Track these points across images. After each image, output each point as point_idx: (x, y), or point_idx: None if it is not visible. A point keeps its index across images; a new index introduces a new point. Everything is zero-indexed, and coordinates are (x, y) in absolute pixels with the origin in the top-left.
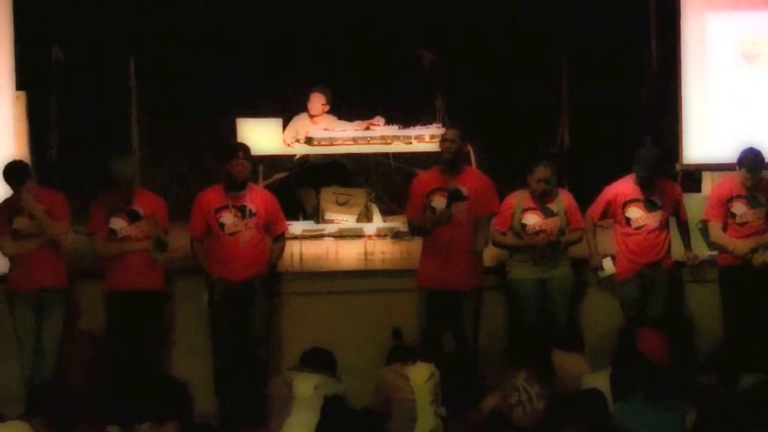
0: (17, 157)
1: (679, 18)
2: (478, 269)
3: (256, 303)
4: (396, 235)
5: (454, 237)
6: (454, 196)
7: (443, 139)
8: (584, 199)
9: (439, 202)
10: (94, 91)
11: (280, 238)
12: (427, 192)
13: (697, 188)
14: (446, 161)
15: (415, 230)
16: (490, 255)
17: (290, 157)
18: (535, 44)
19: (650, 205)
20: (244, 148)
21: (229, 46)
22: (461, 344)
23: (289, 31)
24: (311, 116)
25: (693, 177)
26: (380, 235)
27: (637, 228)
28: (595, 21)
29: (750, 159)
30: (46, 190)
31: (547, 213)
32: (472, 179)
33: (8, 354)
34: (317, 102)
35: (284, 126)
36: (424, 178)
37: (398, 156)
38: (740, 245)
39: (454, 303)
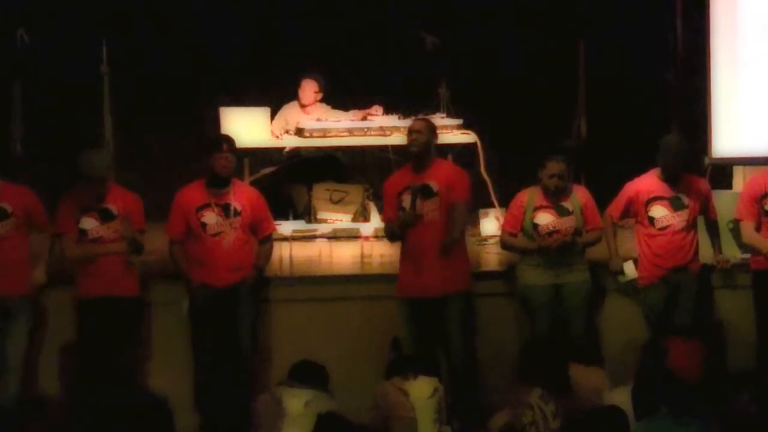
0: None
1: None
2: (462, 271)
3: (241, 311)
4: None
5: (427, 238)
6: (423, 193)
7: (409, 131)
8: (603, 197)
9: (408, 201)
10: (63, 78)
11: (268, 240)
12: (399, 192)
13: (727, 184)
14: (414, 155)
15: (389, 235)
16: (498, 258)
17: (279, 150)
18: (549, 25)
19: (676, 204)
20: (229, 140)
21: (212, 27)
22: (450, 357)
23: (277, 12)
24: (302, 105)
25: (723, 172)
26: (378, 236)
27: (662, 228)
28: None
29: None
30: (14, 186)
31: (561, 212)
32: (444, 172)
33: None
34: (309, 89)
35: (272, 116)
36: (395, 177)
37: (398, 149)
38: None
39: (436, 311)
